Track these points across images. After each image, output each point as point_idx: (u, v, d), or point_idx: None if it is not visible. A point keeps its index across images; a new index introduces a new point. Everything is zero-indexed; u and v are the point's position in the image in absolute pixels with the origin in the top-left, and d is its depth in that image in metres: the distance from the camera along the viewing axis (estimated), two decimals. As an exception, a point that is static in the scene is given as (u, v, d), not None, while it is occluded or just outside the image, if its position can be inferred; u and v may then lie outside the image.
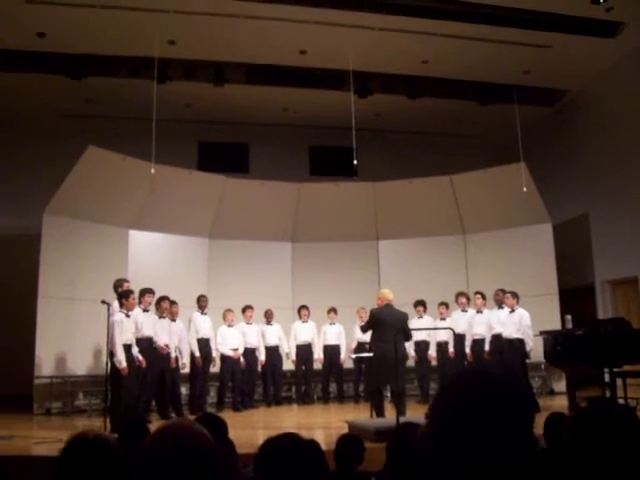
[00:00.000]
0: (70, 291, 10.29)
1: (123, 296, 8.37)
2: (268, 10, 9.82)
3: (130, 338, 8.28)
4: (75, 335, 10.18)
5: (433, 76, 12.18)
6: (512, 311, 9.56)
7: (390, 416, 7.44)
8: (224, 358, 10.57)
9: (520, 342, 9.31)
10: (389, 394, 9.32)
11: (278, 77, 11.94)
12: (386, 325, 7.87)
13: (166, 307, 9.70)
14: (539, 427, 3.33)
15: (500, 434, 1.21)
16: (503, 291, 9.94)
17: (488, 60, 11.31)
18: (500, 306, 9.95)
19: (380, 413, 7.87)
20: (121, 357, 7.96)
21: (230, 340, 10.65)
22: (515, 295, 9.65)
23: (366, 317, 9.22)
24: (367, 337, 9.26)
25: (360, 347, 11.23)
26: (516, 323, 9.43)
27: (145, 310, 9.21)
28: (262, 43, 10.80)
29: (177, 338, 9.90)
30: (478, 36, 10.58)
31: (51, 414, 9.96)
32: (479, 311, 10.39)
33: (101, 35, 10.34)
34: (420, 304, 11.26)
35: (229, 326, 10.74)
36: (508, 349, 9.43)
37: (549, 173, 13.19)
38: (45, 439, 6.87)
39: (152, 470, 1.36)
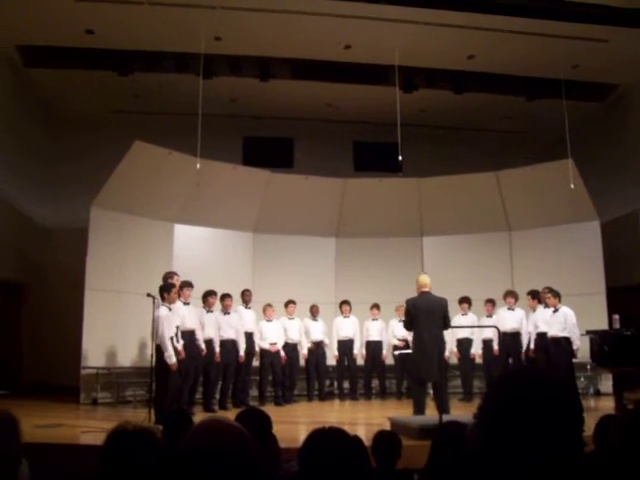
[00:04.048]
0: (116, 284, 10.47)
1: (165, 290, 8.43)
2: (313, 5, 9.85)
3: (174, 331, 8.35)
4: (121, 327, 10.36)
5: (479, 71, 12.04)
6: (555, 310, 9.38)
7: (432, 414, 7.35)
8: (263, 352, 10.65)
9: (567, 341, 9.12)
10: (431, 390, 9.13)
11: (323, 72, 11.95)
12: (422, 314, 7.63)
13: (213, 302, 9.85)
14: (589, 429, 3.26)
15: (549, 435, 1.19)
16: (549, 289, 9.78)
17: (535, 54, 11.11)
18: (546, 305, 9.79)
19: (420, 410, 7.67)
20: (171, 352, 8.01)
21: (269, 334, 10.73)
22: (557, 294, 9.43)
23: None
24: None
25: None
26: (561, 322, 9.22)
27: (186, 303, 9.27)
28: (307, 38, 10.82)
29: (234, 331, 10.06)
30: (525, 30, 10.40)
31: (97, 404, 10.14)
32: (534, 310, 10.16)
33: (148, 31, 10.48)
34: (465, 301, 11.17)
35: (268, 321, 10.81)
36: (554, 348, 9.25)
37: (597, 170, 12.91)
38: (92, 428, 7.01)
39: (190, 467, 1.36)
